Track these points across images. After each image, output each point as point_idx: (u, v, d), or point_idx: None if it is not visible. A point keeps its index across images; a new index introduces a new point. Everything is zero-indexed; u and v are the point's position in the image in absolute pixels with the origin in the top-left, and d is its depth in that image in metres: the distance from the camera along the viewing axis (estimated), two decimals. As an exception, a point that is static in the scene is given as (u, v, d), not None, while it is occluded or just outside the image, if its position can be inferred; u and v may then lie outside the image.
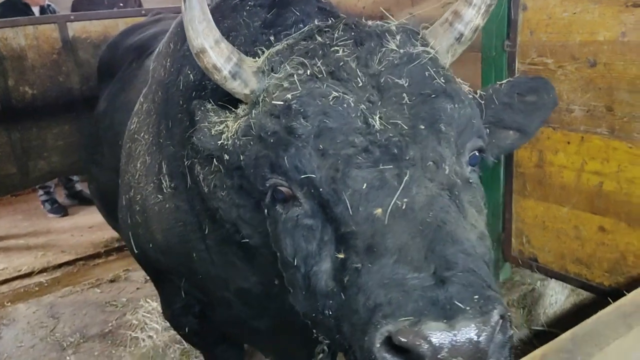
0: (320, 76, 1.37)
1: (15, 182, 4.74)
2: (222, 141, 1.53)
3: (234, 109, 1.58)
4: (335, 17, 1.82)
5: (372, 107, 1.32)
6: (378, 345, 1.05)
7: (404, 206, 1.18)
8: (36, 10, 5.99)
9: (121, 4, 6.60)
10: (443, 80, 1.38)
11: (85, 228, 5.99)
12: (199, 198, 1.88)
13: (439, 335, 0.99)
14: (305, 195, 1.33)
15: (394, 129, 1.28)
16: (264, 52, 1.57)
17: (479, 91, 1.60)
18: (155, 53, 2.50)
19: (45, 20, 4.85)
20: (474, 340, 1.00)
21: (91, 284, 4.77)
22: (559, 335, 1.52)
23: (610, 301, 1.64)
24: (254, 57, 1.57)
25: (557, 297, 3.07)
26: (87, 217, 6.24)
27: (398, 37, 1.46)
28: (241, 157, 1.46)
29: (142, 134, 2.28)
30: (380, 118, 1.29)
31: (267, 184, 1.39)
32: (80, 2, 6.52)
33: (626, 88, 2.53)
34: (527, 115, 1.61)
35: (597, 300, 2.85)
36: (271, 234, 1.47)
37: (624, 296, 1.72)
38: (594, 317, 1.54)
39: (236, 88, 1.50)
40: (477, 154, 1.44)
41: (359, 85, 1.35)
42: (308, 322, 1.46)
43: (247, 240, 1.68)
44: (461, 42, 1.52)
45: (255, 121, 1.43)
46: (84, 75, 4.83)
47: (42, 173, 4.85)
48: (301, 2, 1.87)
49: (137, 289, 4.63)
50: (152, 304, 4.24)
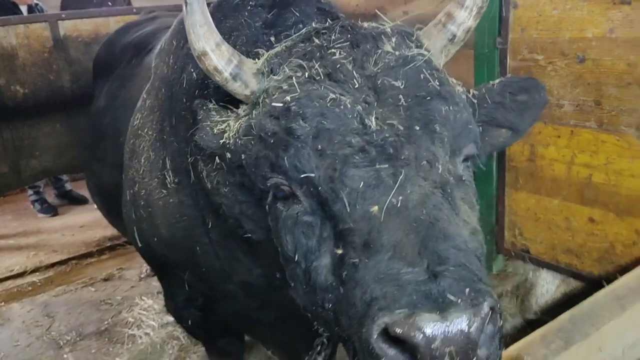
0: (317, 78, 1.41)
1: (7, 181, 4.71)
2: (224, 140, 1.57)
3: (235, 109, 1.62)
4: (333, 18, 1.87)
5: (369, 108, 1.36)
6: (375, 336, 1.10)
7: (399, 204, 1.24)
8: (24, 9, 5.92)
9: (110, 3, 6.57)
10: (437, 83, 1.43)
11: (76, 227, 5.96)
12: (202, 193, 1.92)
13: (432, 326, 1.05)
14: (305, 193, 1.38)
15: (389, 129, 1.33)
16: (264, 53, 1.61)
17: (472, 90, 1.65)
18: (156, 50, 2.53)
19: (36, 19, 4.84)
20: (465, 330, 1.06)
21: (85, 283, 4.74)
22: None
23: (605, 284, 1.71)
24: (255, 57, 1.62)
25: (548, 287, 3.17)
26: (78, 217, 6.21)
27: (393, 39, 1.50)
28: (242, 156, 1.51)
29: (145, 130, 2.31)
30: (376, 119, 1.34)
31: (268, 183, 1.44)
32: (68, 1, 6.47)
33: (614, 83, 2.63)
34: (519, 114, 1.66)
35: (585, 290, 2.94)
36: (273, 230, 1.52)
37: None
38: (590, 299, 1.61)
39: (237, 89, 1.54)
40: (470, 158, 1.50)
41: (356, 86, 1.39)
42: (308, 315, 1.50)
43: (250, 234, 1.72)
44: (454, 42, 1.58)
45: (255, 121, 1.47)
46: (75, 74, 4.82)
47: (34, 172, 4.83)
48: (301, 3, 1.91)
49: (132, 287, 4.62)
50: (148, 301, 4.26)
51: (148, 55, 2.87)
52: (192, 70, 1.95)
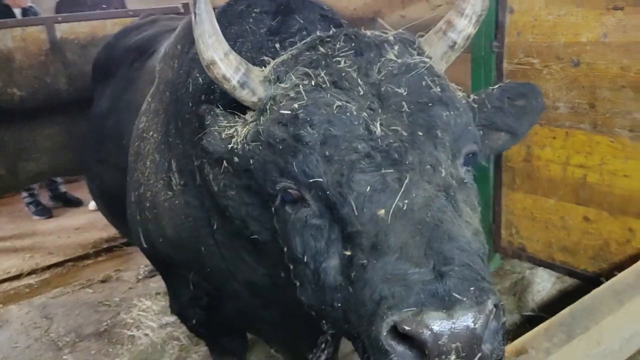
0: (324, 86, 1.46)
1: (4, 184, 4.71)
2: (232, 145, 1.60)
3: (242, 115, 1.65)
4: (336, 25, 1.92)
5: (373, 114, 1.40)
6: (385, 333, 1.15)
7: (405, 207, 1.28)
8: (18, 12, 5.92)
9: (104, 5, 6.57)
10: (439, 89, 1.47)
11: (71, 229, 5.95)
12: (208, 195, 1.95)
13: (439, 324, 1.10)
14: (313, 197, 1.42)
15: (394, 135, 1.37)
16: (269, 60, 1.65)
17: (472, 95, 1.70)
18: (160, 54, 2.56)
19: (32, 21, 4.84)
20: (471, 327, 1.11)
21: (82, 285, 4.74)
22: (548, 319, 1.66)
23: (604, 281, 1.77)
24: (261, 64, 1.66)
25: (544, 285, 3.25)
26: (73, 219, 6.21)
27: (396, 47, 1.54)
28: (250, 161, 1.55)
29: (150, 133, 2.34)
30: (381, 125, 1.38)
31: (277, 187, 1.48)
32: (63, 4, 6.47)
33: (607, 86, 2.69)
34: (517, 118, 1.71)
35: (580, 287, 3.01)
36: (280, 232, 1.56)
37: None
38: (590, 295, 1.67)
39: (244, 96, 1.58)
40: (471, 156, 1.55)
41: (361, 94, 1.44)
42: (312, 314, 1.55)
43: (256, 235, 1.76)
44: (454, 49, 1.62)
45: (263, 128, 1.51)
46: (72, 76, 4.83)
47: (31, 174, 4.83)
48: (305, 10, 1.95)
49: (130, 288, 4.63)
50: (146, 302, 4.27)
51: (150, 59, 2.90)
52: (198, 75, 1.98)
